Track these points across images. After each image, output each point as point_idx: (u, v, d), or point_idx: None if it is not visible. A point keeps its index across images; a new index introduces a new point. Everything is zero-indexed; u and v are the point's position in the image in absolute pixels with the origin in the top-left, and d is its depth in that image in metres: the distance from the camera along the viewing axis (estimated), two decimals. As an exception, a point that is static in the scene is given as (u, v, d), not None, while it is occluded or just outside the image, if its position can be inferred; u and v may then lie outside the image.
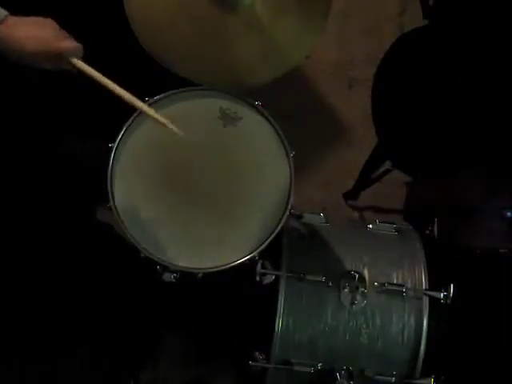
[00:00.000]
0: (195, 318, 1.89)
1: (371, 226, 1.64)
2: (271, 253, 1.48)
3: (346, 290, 1.49)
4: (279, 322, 1.47)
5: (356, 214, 2.22)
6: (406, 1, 2.39)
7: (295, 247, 1.56)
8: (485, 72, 1.70)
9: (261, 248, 1.41)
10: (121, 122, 1.45)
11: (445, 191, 1.97)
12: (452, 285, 1.48)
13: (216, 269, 1.39)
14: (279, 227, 1.42)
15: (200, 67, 1.47)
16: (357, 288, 1.48)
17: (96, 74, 1.28)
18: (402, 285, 1.49)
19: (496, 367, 1.59)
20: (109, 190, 1.40)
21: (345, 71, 2.36)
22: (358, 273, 1.50)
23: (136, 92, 1.30)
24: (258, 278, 1.50)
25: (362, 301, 1.48)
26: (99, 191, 1.41)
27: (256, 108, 1.51)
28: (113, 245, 1.55)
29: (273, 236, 1.41)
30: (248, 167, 1.49)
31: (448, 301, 1.48)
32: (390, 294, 1.49)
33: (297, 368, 1.48)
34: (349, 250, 1.56)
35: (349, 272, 1.51)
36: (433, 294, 1.49)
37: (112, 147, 1.43)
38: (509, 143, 1.72)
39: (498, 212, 1.78)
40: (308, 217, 1.64)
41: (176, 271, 1.45)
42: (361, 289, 1.48)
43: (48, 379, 1.74)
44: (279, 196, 1.46)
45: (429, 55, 1.79)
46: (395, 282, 1.50)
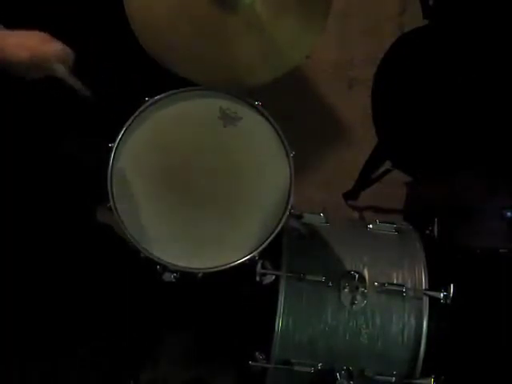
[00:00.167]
0: (195, 318, 1.89)
1: (371, 226, 1.64)
2: (271, 253, 1.48)
3: (346, 290, 1.49)
4: (279, 322, 1.47)
5: (356, 214, 2.22)
6: (406, 1, 2.39)
7: (295, 247, 1.56)
8: (485, 72, 1.70)
9: (261, 248, 1.41)
10: (121, 122, 1.45)
11: (445, 191, 1.97)
12: (452, 285, 1.48)
13: (216, 269, 1.39)
14: (279, 227, 1.42)
15: (200, 67, 1.47)
16: (357, 288, 1.48)
17: (77, 84, 1.30)
18: (402, 285, 1.49)
19: (496, 367, 1.59)
20: (109, 190, 1.40)
21: (345, 71, 2.36)
22: (358, 273, 1.50)
23: (136, 92, 1.30)
24: (258, 278, 1.50)
25: (362, 301, 1.48)
26: (99, 191, 1.41)
27: (256, 108, 1.51)
28: (113, 245, 1.55)
29: (273, 236, 1.41)
30: (248, 167, 1.49)
31: (448, 301, 1.48)
32: (390, 294, 1.49)
33: (297, 368, 1.48)
34: (349, 250, 1.56)
35: (349, 272, 1.51)
36: (433, 294, 1.49)
37: (112, 147, 1.44)
38: (509, 143, 1.72)
39: (498, 212, 1.78)
40: (308, 217, 1.64)
41: (176, 271, 1.45)
42: (361, 289, 1.48)
43: (48, 379, 1.74)
44: (279, 196, 1.46)
45: (429, 55, 1.79)
46: (395, 282, 1.50)
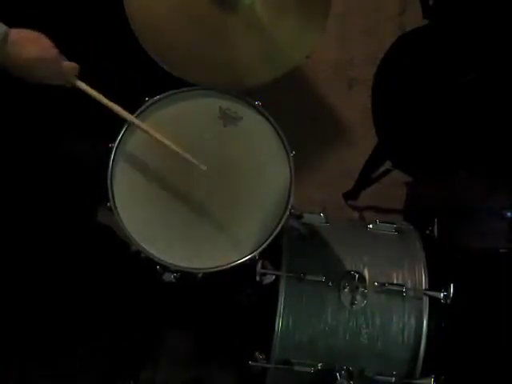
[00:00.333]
0: (195, 318, 1.89)
1: (371, 226, 1.64)
2: (271, 253, 1.48)
3: (346, 290, 1.49)
4: (279, 322, 1.47)
5: (356, 214, 2.22)
6: (406, 1, 2.39)
7: (295, 247, 1.56)
8: (484, 72, 1.70)
9: (261, 248, 1.41)
10: (121, 122, 1.45)
11: (445, 191, 1.97)
12: (452, 285, 1.48)
13: (216, 269, 1.39)
14: (279, 227, 1.42)
15: (200, 67, 1.47)
16: (357, 288, 1.48)
17: (95, 94, 1.36)
18: (402, 285, 1.49)
19: (496, 367, 1.59)
20: (109, 190, 1.41)
21: (345, 71, 2.36)
22: (358, 273, 1.50)
23: (136, 92, 1.31)
24: (258, 278, 1.50)
25: (362, 301, 1.48)
26: (99, 191, 1.41)
27: (256, 108, 1.51)
28: (113, 245, 1.55)
29: (273, 236, 1.41)
30: (248, 167, 1.49)
31: (448, 301, 1.48)
32: (390, 294, 1.49)
33: (297, 368, 1.48)
34: (349, 250, 1.56)
35: (349, 272, 1.51)
36: (433, 294, 1.49)
37: (112, 147, 1.44)
38: (509, 143, 1.72)
39: (498, 212, 1.78)
40: (308, 217, 1.64)
41: (176, 271, 1.45)
42: (361, 289, 1.48)
43: (48, 379, 1.74)
44: (279, 196, 1.46)
45: (429, 55, 1.79)
46: (395, 282, 1.50)
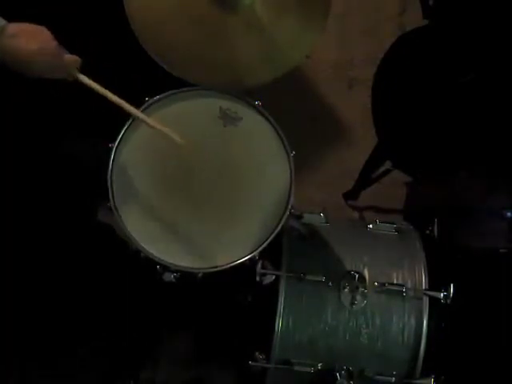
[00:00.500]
0: (195, 318, 1.89)
1: (371, 226, 1.64)
2: (271, 253, 1.48)
3: (346, 290, 1.48)
4: (279, 322, 1.47)
5: (356, 214, 2.22)
6: (406, 1, 2.39)
7: (295, 247, 1.56)
8: (484, 72, 1.70)
9: (261, 248, 1.41)
10: (121, 122, 1.45)
11: (445, 191, 1.97)
12: (452, 285, 1.48)
13: (216, 269, 1.39)
14: (279, 227, 1.42)
15: (200, 67, 1.47)
16: (357, 288, 1.48)
17: (97, 87, 1.30)
18: (402, 285, 1.49)
19: (496, 367, 1.59)
20: (109, 190, 1.41)
21: (345, 71, 2.36)
22: (358, 273, 1.50)
23: (136, 92, 1.31)
24: (258, 278, 1.50)
25: (362, 301, 1.48)
26: (99, 191, 1.41)
27: (256, 108, 1.51)
28: (113, 245, 1.55)
29: (273, 236, 1.41)
30: (248, 167, 1.49)
31: (448, 301, 1.48)
32: (390, 294, 1.49)
33: (297, 368, 1.48)
34: (349, 250, 1.56)
35: (349, 272, 1.50)
36: (433, 294, 1.49)
37: (112, 147, 1.44)
38: (509, 143, 1.72)
39: (498, 212, 1.78)
40: (308, 217, 1.64)
41: (176, 271, 1.45)
42: (361, 289, 1.48)
43: (48, 379, 1.74)
44: (279, 196, 1.46)
45: (429, 55, 1.79)
46: (395, 282, 1.50)
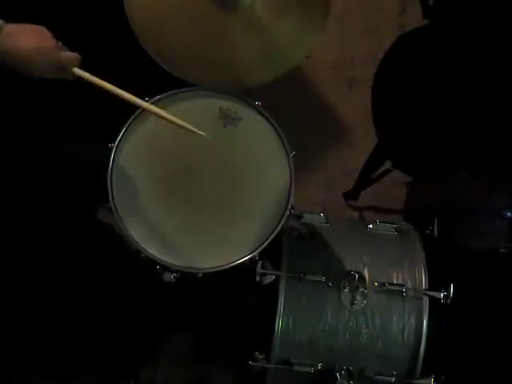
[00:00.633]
0: (195, 318, 1.89)
1: (371, 226, 1.64)
2: (271, 253, 1.48)
3: (346, 290, 1.48)
4: (279, 322, 1.47)
5: (356, 214, 2.22)
6: (406, 1, 2.39)
7: (295, 247, 1.56)
8: (484, 72, 1.70)
9: (261, 248, 1.41)
10: (121, 122, 1.45)
11: (445, 191, 1.97)
12: (452, 285, 1.48)
13: (216, 269, 1.39)
14: (279, 227, 1.42)
15: (200, 67, 1.47)
16: (357, 288, 1.48)
17: (100, 82, 1.27)
18: (402, 285, 1.49)
19: (496, 367, 1.59)
20: (109, 190, 1.41)
21: (345, 71, 2.36)
22: (358, 273, 1.50)
23: (136, 92, 1.30)
24: (258, 278, 1.50)
25: (362, 301, 1.48)
26: (99, 191, 1.41)
27: (256, 108, 1.51)
28: (113, 245, 1.55)
29: (273, 236, 1.41)
30: (248, 167, 1.49)
31: (448, 301, 1.48)
32: (390, 294, 1.49)
33: (297, 368, 1.48)
34: (349, 250, 1.56)
35: (349, 272, 1.50)
36: (433, 294, 1.49)
37: (112, 147, 1.44)
38: (509, 143, 1.72)
39: (498, 212, 1.78)
40: (308, 217, 1.64)
41: (176, 271, 1.45)
42: (361, 289, 1.48)
43: (48, 379, 1.74)
44: (279, 196, 1.46)
45: (429, 55, 1.79)
46: (395, 282, 1.50)
